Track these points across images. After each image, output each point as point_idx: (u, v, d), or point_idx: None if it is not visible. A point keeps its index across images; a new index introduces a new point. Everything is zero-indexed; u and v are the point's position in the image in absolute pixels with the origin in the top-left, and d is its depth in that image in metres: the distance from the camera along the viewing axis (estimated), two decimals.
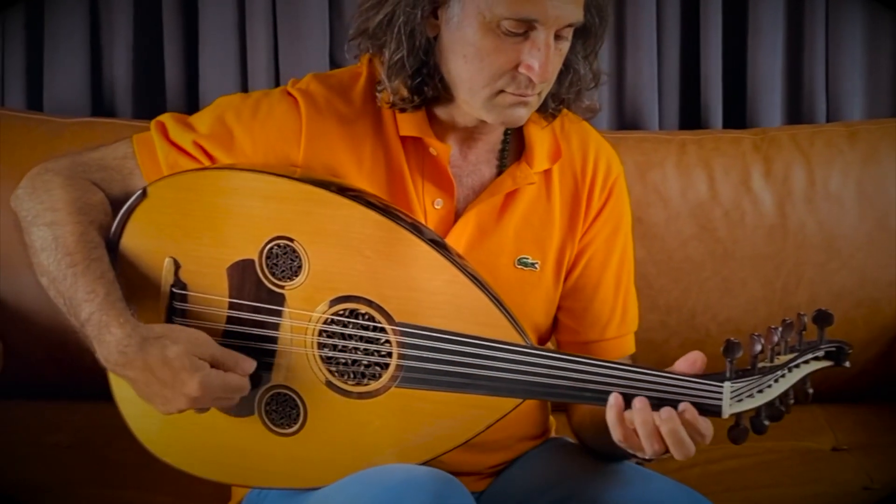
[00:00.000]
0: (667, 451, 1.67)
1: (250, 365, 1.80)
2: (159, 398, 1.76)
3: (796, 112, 3.05)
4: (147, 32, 3.00)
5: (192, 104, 2.98)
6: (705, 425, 1.66)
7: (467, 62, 1.82)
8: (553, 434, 2.15)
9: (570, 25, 1.81)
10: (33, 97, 3.01)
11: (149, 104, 3.01)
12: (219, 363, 1.77)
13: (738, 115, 3.04)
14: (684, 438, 1.64)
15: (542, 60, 1.78)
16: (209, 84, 2.95)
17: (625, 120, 3.00)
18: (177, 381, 1.73)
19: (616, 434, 1.68)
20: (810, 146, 2.77)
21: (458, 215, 1.95)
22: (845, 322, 2.68)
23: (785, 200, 2.74)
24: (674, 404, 1.64)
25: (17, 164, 2.60)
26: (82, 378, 2.00)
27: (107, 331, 1.77)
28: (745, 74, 3.02)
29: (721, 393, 1.64)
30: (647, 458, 1.72)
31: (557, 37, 1.81)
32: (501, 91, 1.82)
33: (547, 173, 1.98)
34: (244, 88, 2.95)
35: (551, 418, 2.15)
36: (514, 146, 1.99)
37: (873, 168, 2.75)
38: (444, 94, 1.90)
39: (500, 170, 1.97)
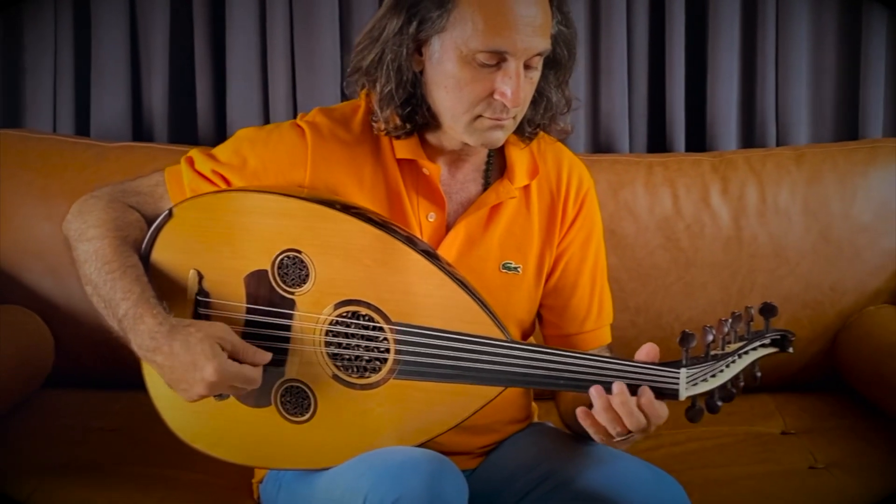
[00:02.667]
0: (629, 433, 1.69)
1: (265, 357, 1.81)
2: (182, 384, 1.77)
3: (750, 137, 3.03)
4: (181, 68, 3.00)
5: (219, 130, 2.98)
6: (661, 408, 1.67)
7: (448, 92, 1.84)
8: (536, 419, 2.15)
9: (538, 55, 1.83)
10: (81, 124, 3.00)
11: (182, 130, 3.01)
12: (238, 353, 1.79)
13: (698, 140, 3.03)
14: (633, 410, 1.66)
15: (514, 87, 1.80)
16: (235, 113, 2.94)
17: (599, 144, 2.99)
18: (196, 366, 1.74)
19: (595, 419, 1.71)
20: (762, 167, 2.77)
21: (449, 227, 1.96)
22: (792, 322, 2.67)
23: (740, 215, 2.73)
24: (636, 388, 1.67)
25: (68, 183, 2.64)
26: (124, 370, 2.00)
27: (141, 321, 1.78)
28: (704, 104, 3.01)
29: (678, 378, 1.66)
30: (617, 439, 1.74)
31: (527, 66, 1.83)
32: (480, 116, 1.84)
33: (526, 188, 2.00)
34: (266, 117, 2.95)
35: (534, 405, 2.15)
36: (497, 165, 2.00)
37: (817, 187, 2.74)
38: (432, 121, 1.91)
39: (485, 187, 1.99)
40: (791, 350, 1.72)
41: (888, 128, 3.05)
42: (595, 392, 1.69)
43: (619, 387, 1.67)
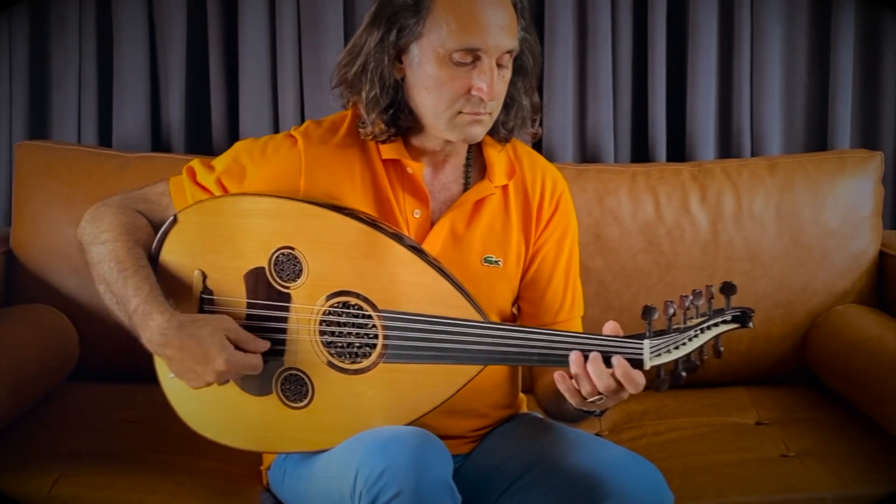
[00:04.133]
0: (599, 395, 1.70)
1: (264, 345, 1.85)
2: (191, 373, 1.80)
3: (726, 148, 3.04)
4: (197, 82, 3.00)
5: (233, 140, 2.93)
6: (637, 374, 1.67)
7: (429, 92, 1.88)
8: (525, 410, 2.16)
9: (507, 53, 1.87)
10: (104, 136, 3.00)
11: (198, 141, 3.01)
12: (242, 342, 1.82)
13: (678, 151, 3.03)
14: (604, 372, 1.67)
15: (489, 82, 1.85)
16: (247, 124, 2.94)
17: (586, 155, 2.99)
18: (207, 358, 1.78)
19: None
20: (738, 176, 2.76)
21: (433, 223, 1.98)
22: (766, 320, 2.69)
23: (717, 221, 2.73)
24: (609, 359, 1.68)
25: (91, 191, 2.64)
26: (143, 365, 2.01)
27: (150, 318, 1.81)
28: (684, 117, 3.01)
29: (642, 349, 1.67)
30: (589, 409, 1.77)
31: (499, 65, 1.87)
32: (460, 112, 1.88)
33: (504, 189, 2.03)
34: (276, 128, 2.95)
35: (522, 396, 2.16)
36: (477, 166, 2.04)
37: (789, 195, 2.74)
38: (414, 125, 1.95)
39: (466, 187, 2.02)
40: (751, 325, 1.71)
41: (855, 139, 3.06)
42: (573, 357, 1.70)
43: (594, 355, 1.69)
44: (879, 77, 3.05)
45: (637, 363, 1.67)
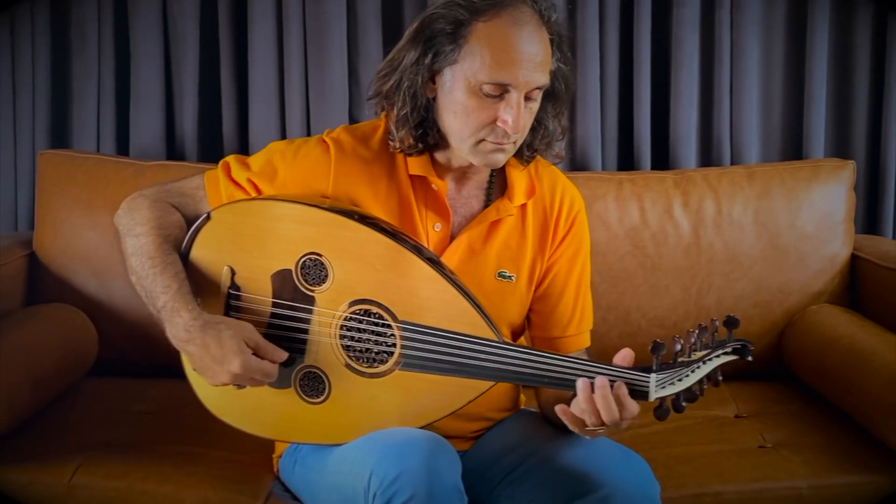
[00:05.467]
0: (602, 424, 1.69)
1: (282, 355, 1.83)
2: (209, 371, 1.79)
3: (707, 157, 3.04)
4: (209, 95, 3.00)
5: (242, 150, 2.97)
6: (633, 404, 1.67)
7: (457, 117, 1.84)
8: (522, 406, 2.16)
9: (537, 88, 1.82)
10: (122, 145, 3.01)
11: (210, 150, 3.01)
12: (260, 349, 1.80)
13: (662, 159, 3.03)
14: (611, 404, 1.66)
15: (515, 116, 1.80)
16: (256, 135, 2.95)
17: (576, 163, 2.99)
18: (225, 359, 1.76)
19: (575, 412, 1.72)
20: (718, 183, 2.76)
21: (452, 237, 1.96)
22: (744, 319, 2.64)
23: (698, 225, 2.72)
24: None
25: (110, 197, 2.64)
26: (158, 361, 2.01)
27: (177, 314, 1.80)
28: (668, 127, 3.01)
29: (648, 382, 1.66)
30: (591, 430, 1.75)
31: (528, 98, 1.82)
32: (483, 140, 1.84)
33: (523, 206, 1.99)
34: (283, 137, 2.95)
35: (522, 395, 2.16)
36: (499, 184, 2.00)
37: (766, 201, 2.74)
38: (441, 142, 1.91)
39: (487, 203, 1.99)
40: (750, 358, 1.71)
41: (829, 149, 3.07)
42: (581, 384, 1.69)
43: (601, 381, 1.68)
44: (851, 90, 3.05)
45: (642, 395, 1.67)
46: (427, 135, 1.91)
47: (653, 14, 2.96)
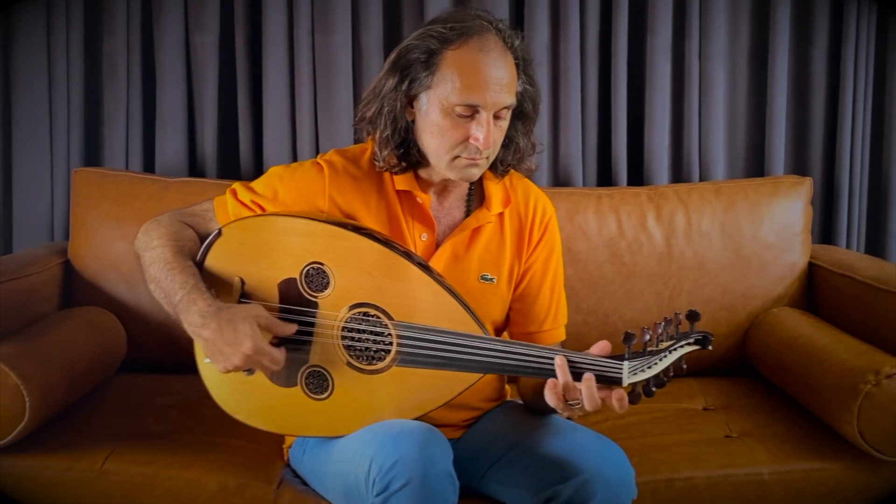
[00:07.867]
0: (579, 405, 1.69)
1: (292, 328, 1.83)
2: (221, 356, 1.77)
3: (678, 174, 3.03)
4: (227, 118, 2.99)
5: (257, 167, 2.98)
6: (617, 394, 1.67)
7: (433, 137, 1.86)
8: (509, 398, 2.16)
9: (505, 108, 1.84)
10: (148, 163, 3.00)
11: (228, 167, 3.01)
12: (272, 327, 1.80)
13: (637, 176, 3.03)
14: (594, 392, 1.66)
15: (485, 134, 1.82)
16: (270, 153, 2.94)
17: (559, 179, 2.99)
18: (237, 341, 1.75)
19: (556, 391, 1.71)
20: (688, 198, 2.76)
21: (437, 245, 1.97)
22: (712, 321, 2.69)
23: (670, 236, 2.73)
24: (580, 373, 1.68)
25: (137, 210, 2.64)
26: (182, 359, 2.00)
27: (193, 304, 1.79)
28: (642, 147, 3.01)
29: (622, 369, 1.67)
30: (565, 412, 1.75)
31: (497, 117, 1.84)
32: (458, 156, 1.85)
33: (500, 215, 2.01)
34: (294, 156, 2.95)
35: (507, 387, 2.16)
36: (477, 196, 2.01)
37: (732, 214, 2.74)
38: (422, 160, 1.92)
39: (468, 213, 2.00)
40: (710, 347, 1.71)
41: (788, 166, 3.07)
42: (558, 361, 1.69)
43: (587, 375, 1.68)
44: (809, 114, 3.06)
45: (616, 380, 1.67)
46: (408, 154, 1.92)
47: (629, 44, 2.96)
